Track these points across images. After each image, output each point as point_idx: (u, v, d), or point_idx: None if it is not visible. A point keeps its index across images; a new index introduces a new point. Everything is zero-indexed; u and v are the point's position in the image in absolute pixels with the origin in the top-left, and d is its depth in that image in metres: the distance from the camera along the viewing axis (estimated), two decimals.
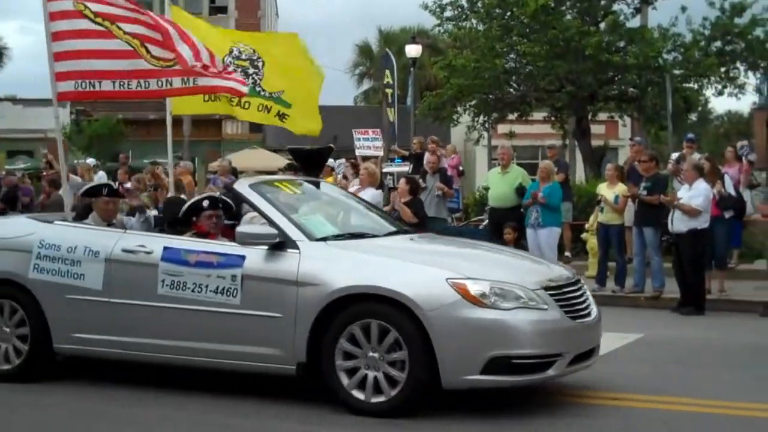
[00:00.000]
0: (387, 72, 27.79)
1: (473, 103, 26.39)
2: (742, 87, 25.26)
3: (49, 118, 11.17)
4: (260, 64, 10.91)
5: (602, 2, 25.76)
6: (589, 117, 26.19)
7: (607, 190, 15.27)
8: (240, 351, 7.67)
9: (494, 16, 25.42)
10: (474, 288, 7.13)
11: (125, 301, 8.11)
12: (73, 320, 8.32)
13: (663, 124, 24.38)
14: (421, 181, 15.70)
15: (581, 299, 7.72)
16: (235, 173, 19.04)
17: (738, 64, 24.98)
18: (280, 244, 7.68)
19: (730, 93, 25.42)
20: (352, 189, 14.96)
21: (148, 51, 9.09)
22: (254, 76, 10.86)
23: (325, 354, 7.34)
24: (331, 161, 17.83)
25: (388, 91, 27.46)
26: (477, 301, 7.08)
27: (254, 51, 11.02)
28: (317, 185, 9.76)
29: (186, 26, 9.94)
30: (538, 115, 27.89)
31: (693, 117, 35.81)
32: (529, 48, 23.78)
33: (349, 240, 8.17)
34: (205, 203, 8.58)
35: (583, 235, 16.68)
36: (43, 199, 18.69)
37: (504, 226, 15.09)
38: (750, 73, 25.33)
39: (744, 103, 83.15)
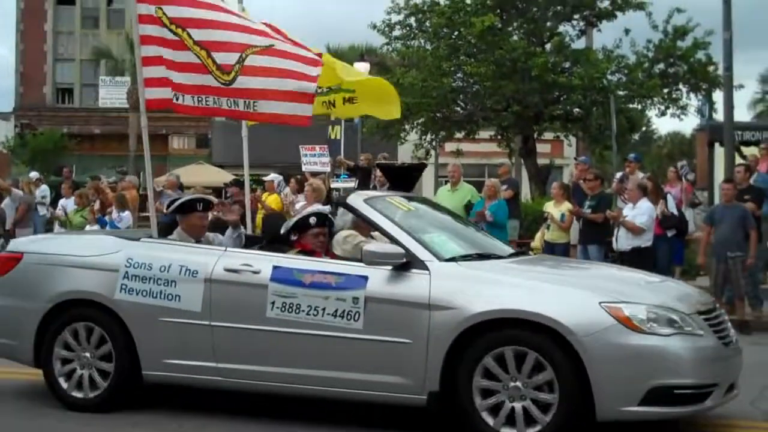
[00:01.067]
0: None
1: (421, 121, 26.45)
2: (684, 108, 25.60)
3: None
4: None
5: (548, 24, 26.00)
6: (535, 136, 26.35)
7: (553, 209, 15.39)
8: (362, 379, 7.10)
9: (442, 35, 25.55)
10: (630, 312, 6.65)
11: (228, 325, 7.47)
12: (166, 345, 7.66)
13: (607, 144, 24.67)
14: None
15: (725, 325, 7.27)
16: (182, 188, 18.89)
17: (680, 86, 25.33)
18: (406, 264, 7.13)
19: (673, 114, 25.74)
20: (298, 206, 14.90)
21: (214, 62, 8.23)
22: None
23: (461, 385, 6.83)
24: (276, 177, 17.75)
25: None
26: (634, 326, 6.59)
27: None
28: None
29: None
30: (484, 134, 28.05)
31: (636, 137, 36.27)
32: (475, 68, 23.92)
33: (478, 261, 7.62)
34: (312, 220, 7.98)
35: (530, 253, 16.77)
36: None
37: None
38: (692, 95, 25.70)
39: (686, 124, 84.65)
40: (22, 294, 8.21)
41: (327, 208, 8.94)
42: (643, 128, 33.47)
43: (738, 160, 18.32)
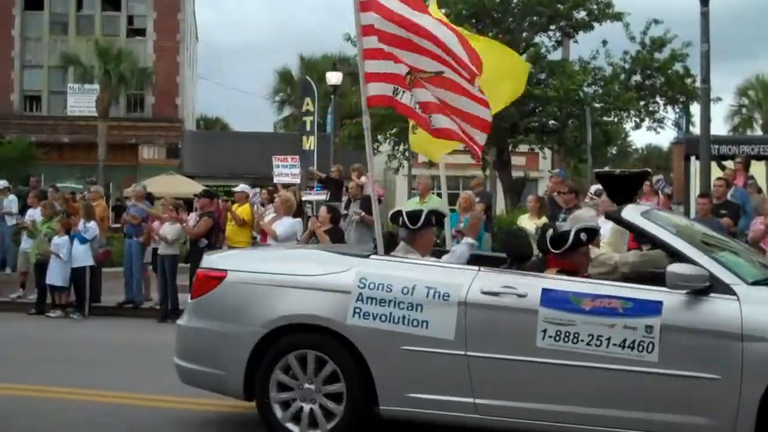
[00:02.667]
0: (307, 100, 27.57)
1: (394, 131, 26.33)
2: (661, 121, 25.62)
3: None
4: None
5: (524, 34, 25.93)
6: (510, 148, 26.32)
7: (528, 222, 15.14)
8: (654, 419, 6.27)
9: None
10: None
11: (488, 355, 6.60)
12: (410, 377, 6.79)
13: (582, 157, 24.60)
14: (344, 209, 15.56)
15: None
16: (151, 199, 18.56)
17: (657, 98, 25.32)
18: (706, 288, 6.27)
19: (650, 127, 25.85)
20: (268, 218, 14.75)
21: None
22: None
23: None
24: (246, 188, 17.48)
25: (307, 119, 27.24)
26: None
27: None
28: None
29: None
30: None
31: (613, 150, 36.39)
32: None
33: None
34: (583, 236, 6.99)
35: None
36: None
37: None
38: (669, 108, 25.71)
39: (663, 138, 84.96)
40: (227, 317, 7.30)
41: (596, 224, 7.67)
42: (620, 141, 33.49)
43: (718, 173, 18.20)
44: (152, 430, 7.91)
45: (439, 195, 16.04)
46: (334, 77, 29.69)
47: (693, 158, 24.94)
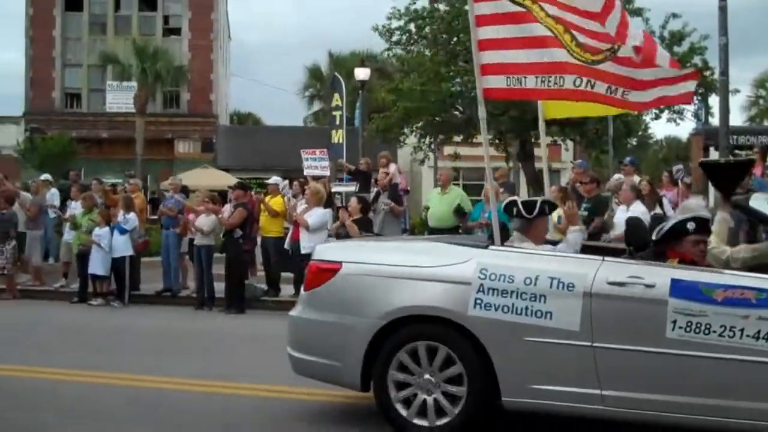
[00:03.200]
0: (336, 95, 28.14)
1: (420, 125, 26.72)
2: (680, 113, 25.83)
3: (4, 134, 10.84)
4: None
5: None
6: (533, 140, 26.53)
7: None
8: None
9: (440, 42, 25.87)
10: None
11: (616, 346, 6.40)
12: (533, 368, 6.61)
13: (604, 148, 24.85)
14: (372, 200, 16.06)
15: None
16: (186, 191, 19.12)
17: None
18: None
19: (670, 119, 25.96)
20: (300, 209, 15.20)
21: (573, 38, 7.21)
22: None
23: None
24: (278, 180, 17.98)
25: (336, 113, 27.76)
26: None
27: None
28: None
29: None
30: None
31: (633, 142, 36.54)
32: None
33: None
34: (691, 226, 6.83)
35: None
36: None
37: None
38: None
39: (683, 129, 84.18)
40: (343, 309, 7.19)
41: (707, 213, 7.51)
42: (640, 132, 33.74)
43: None
44: (198, 414, 7.93)
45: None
46: (361, 73, 30.20)
47: (711, 148, 25.42)
